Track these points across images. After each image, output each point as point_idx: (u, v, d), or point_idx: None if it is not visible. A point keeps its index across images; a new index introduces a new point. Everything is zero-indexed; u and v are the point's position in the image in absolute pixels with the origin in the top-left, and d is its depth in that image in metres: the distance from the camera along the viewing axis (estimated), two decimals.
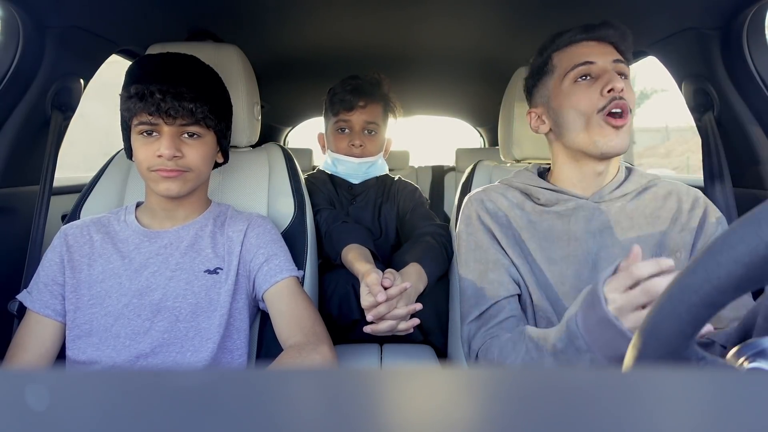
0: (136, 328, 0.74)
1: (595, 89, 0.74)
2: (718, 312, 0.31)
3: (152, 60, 0.78)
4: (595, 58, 0.76)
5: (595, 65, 0.75)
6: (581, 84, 0.76)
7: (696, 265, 0.31)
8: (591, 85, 0.75)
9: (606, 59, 0.75)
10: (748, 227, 0.29)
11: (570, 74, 0.77)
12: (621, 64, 0.76)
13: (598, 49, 0.77)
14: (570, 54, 0.78)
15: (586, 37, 0.78)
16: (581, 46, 0.78)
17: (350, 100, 1.16)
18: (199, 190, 0.84)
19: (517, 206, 0.81)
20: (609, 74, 0.74)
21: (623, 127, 0.73)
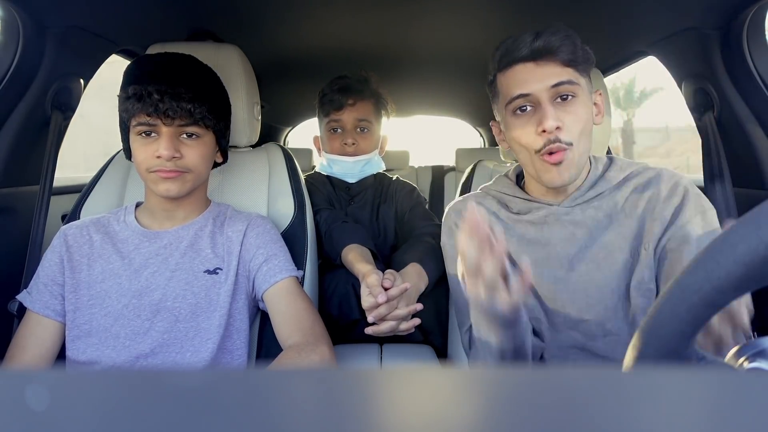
0: (135, 329, 0.74)
1: (532, 125, 0.71)
2: (718, 312, 0.31)
3: (150, 60, 0.78)
4: (531, 86, 0.70)
5: (531, 97, 0.71)
6: (520, 117, 0.73)
7: (696, 265, 0.31)
8: (530, 119, 0.72)
9: (543, 85, 0.70)
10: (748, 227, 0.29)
11: (509, 106, 0.73)
12: (564, 85, 0.70)
13: (537, 74, 0.70)
14: (508, 80, 0.73)
15: (525, 57, 0.71)
16: (519, 70, 0.72)
17: (339, 99, 1.16)
18: (198, 191, 0.84)
19: (493, 214, 0.81)
20: (543, 109, 0.69)
21: (563, 162, 0.70)
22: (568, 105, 0.70)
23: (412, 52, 1.52)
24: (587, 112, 0.72)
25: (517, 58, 0.72)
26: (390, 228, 1.22)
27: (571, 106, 0.70)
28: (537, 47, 0.70)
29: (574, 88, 0.70)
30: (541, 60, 0.71)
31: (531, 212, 0.78)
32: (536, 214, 0.78)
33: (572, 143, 0.70)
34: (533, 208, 0.79)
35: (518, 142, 0.74)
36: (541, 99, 0.70)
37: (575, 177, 0.73)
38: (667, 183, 0.74)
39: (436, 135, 6.16)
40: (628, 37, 1.19)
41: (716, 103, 1.02)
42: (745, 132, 0.98)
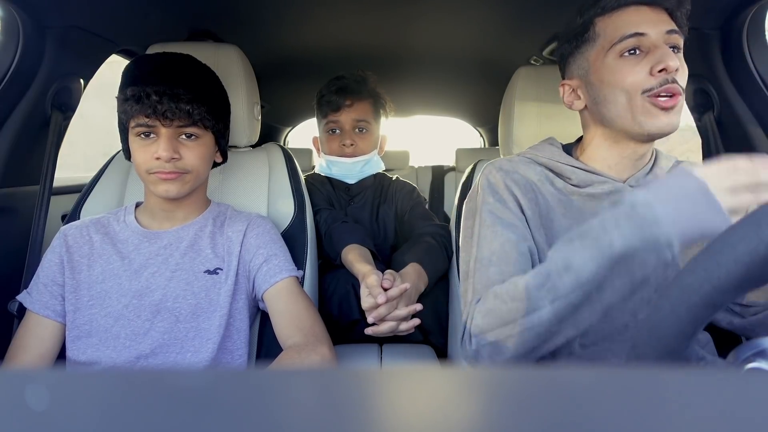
0: (136, 329, 0.74)
1: (644, 66, 0.65)
2: (718, 312, 0.31)
3: (149, 61, 0.78)
4: (647, 28, 0.65)
5: (646, 38, 0.65)
6: (628, 59, 0.67)
7: (696, 265, 0.31)
8: (640, 61, 0.66)
9: (659, 30, 0.65)
10: (748, 227, 0.29)
11: (616, 47, 0.67)
12: (675, 35, 0.66)
13: (651, 17, 0.66)
14: (617, 21, 0.67)
15: (639, 1, 0.67)
16: (631, 12, 0.67)
17: (336, 100, 1.16)
18: (198, 191, 0.84)
19: (549, 182, 0.73)
20: (661, 50, 0.65)
21: (674, 108, 0.65)
22: (679, 56, 0.67)
23: (412, 51, 1.52)
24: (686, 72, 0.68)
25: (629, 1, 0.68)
26: (390, 228, 1.22)
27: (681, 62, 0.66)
28: None
29: (681, 43, 0.68)
30: (655, 6, 0.67)
31: (593, 185, 0.71)
32: (599, 188, 0.71)
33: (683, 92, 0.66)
34: (596, 181, 0.71)
35: (622, 85, 0.66)
36: (657, 42, 0.65)
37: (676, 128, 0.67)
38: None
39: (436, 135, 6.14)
40: None
41: (716, 103, 1.02)
42: (745, 132, 0.98)
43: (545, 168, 0.75)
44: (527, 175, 0.74)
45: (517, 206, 0.71)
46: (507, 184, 0.73)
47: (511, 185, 0.73)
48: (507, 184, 0.73)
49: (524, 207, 0.71)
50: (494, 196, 0.73)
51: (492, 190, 0.73)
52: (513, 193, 0.72)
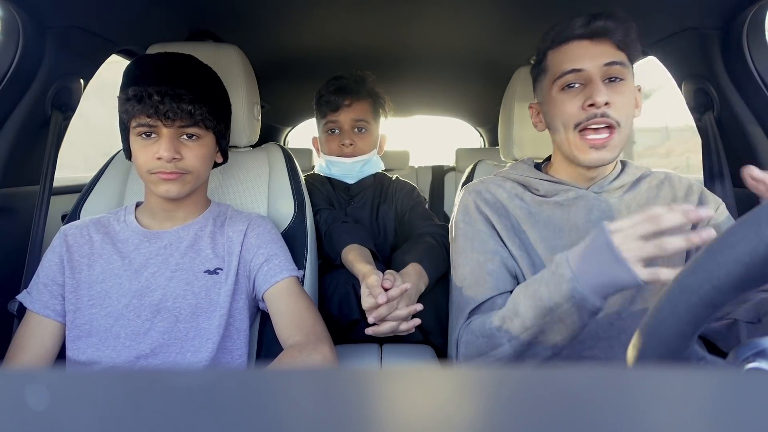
0: (136, 329, 0.74)
1: (578, 101, 0.71)
2: (718, 312, 0.31)
3: (150, 61, 0.78)
4: (585, 63, 0.70)
5: (584, 72, 0.71)
6: (568, 92, 0.72)
7: (696, 265, 0.31)
8: (577, 94, 0.72)
9: (596, 64, 0.70)
10: (748, 227, 0.29)
11: (558, 81, 0.73)
12: (617, 66, 0.70)
13: (591, 51, 0.71)
14: (561, 55, 0.73)
15: (581, 35, 0.72)
16: (573, 47, 0.72)
17: (335, 100, 1.16)
18: (198, 191, 0.84)
19: (516, 197, 0.79)
20: (594, 85, 0.69)
21: (605, 145, 0.70)
22: (618, 86, 0.71)
23: (412, 51, 1.52)
24: (633, 100, 0.73)
25: (572, 35, 0.72)
26: (390, 228, 1.22)
27: (621, 88, 0.71)
28: (594, 26, 0.71)
29: (625, 71, 0.71)
30: (597, 39, 0.71)
31: (559, 194, 0.77)
32: (564, 196, 0.76)
33: (620, 123, 0.70)
34: (561, 190, 0.77)
35: (560, 116, 0.73)
36: (592, 76, 0.70)
37: (612, 160, 0.72)
38: (679, 183, 0.77)
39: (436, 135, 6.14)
40: None
41: (716, 103, 1.02)
42: (745, 132, 0.98)
43: (517, 183, 0.82)
44: (496, 193, 0.81)
45: (487, 224, 0.78)
46: (477, 204, 0.80)
47: (481, 205, 0.79)
48: (477, 204, 0.80)
49: (495, 223, 0.78)
50: (465, 219, 0.80)
51: (464, 213, 0.81)
52: (482, 212, 0.79)
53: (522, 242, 0.76)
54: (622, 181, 0.77)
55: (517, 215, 0.78)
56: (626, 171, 0.79)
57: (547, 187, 0.79)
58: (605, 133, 0.70)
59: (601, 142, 0.70)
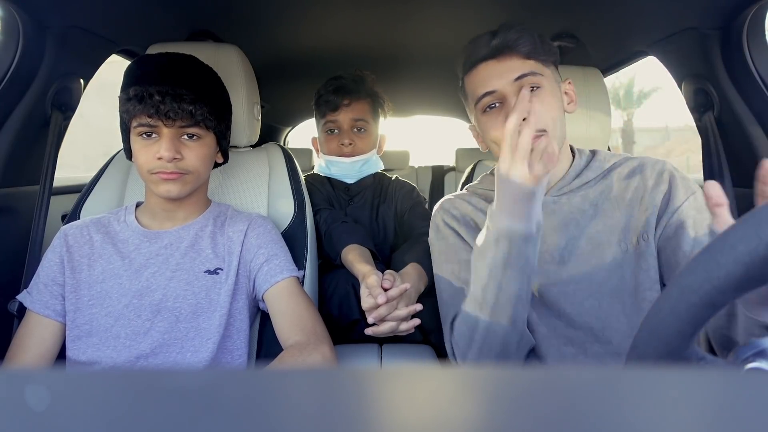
0: (136, 329, 0.74)
1: (501, 120, 0.71)
2: (718, 312, 0.31)
3: (151, 61, 0.78)
4: (495, 83, 0.71)
5: (497, 93, 0.72)
6: (490, 114, 0.74)
7: (696, 265, 0.31)
8: (498, 114, 0.73)
9: (506, 80, 0.71)
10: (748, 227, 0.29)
11: (478, 105, 0.75)
12: (529, 77, 0.71)
13: (498, 69, 0.72)
14: (474, 80, 0.75)
15: (485, 56, 0.73)
16: (482, 69, 0.73)
17: (334, 100, 1.16)
18: (198, 191, 0.84)
19: (480, 211, 0.81)
20: (509, 102, 0.71)
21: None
22: (534, 96, 0.70)
23: (412, 51, 1.52)
24: (556, 101, 0.73)
25: (479, 58, 0.74)
26: (389, 228, 1.22)
27: (537, 97, 0.71)
28: (495, 44, 0.72)
29: (538, 79, 0.71)
30: (502, 56, 0.72)
31: None
32: None
33: (545, 130, 0.70)
34: None
35: (491, 138, 0.74)
36: (506, 93, 0.71)
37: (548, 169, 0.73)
38: (651, 171, 0.74)
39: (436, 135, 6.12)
40: (628, 37, 1.19)
41: (716, 103, 1.02)
42: (745, 132, 0.98)
43: (481, 198, 0.83)
44: (462, 208, 0.83)
45: (456, 236, 0.81)
46: (445, 220, 0.83)
47: (449, 220, 0.82)
48: (445, 221, 0.83)
49: (464, 236, 0.80)
50: (437, 236, 0.83)
51: (435, 230, 0.84)
52: (451, 227, 0.82)
53: None
54: (584, 177, 0.76)
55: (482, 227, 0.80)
56: (591, 165, 0.77)
57: None
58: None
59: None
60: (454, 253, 0.79)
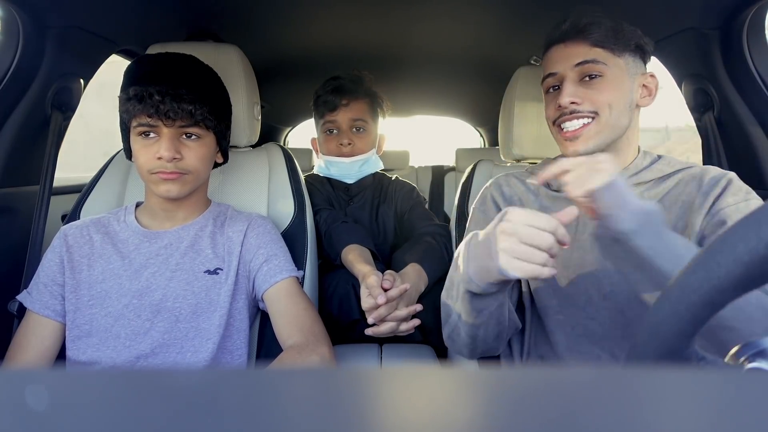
0: (136, 329, 0.74)
1: (556, 102, 0.75)
2: (718, 312, 0.31)
3: (151, 60, 0.78)
4: (557, 66, 0.75)
5: (557, 75, 0.75)
6: (550, 95, 0.78)
7: (696, 265, 0.31)
8: (556, 96, 0.76)
9: (567, 65, 0.74)
10: (748, 227, 0.29)
11: (543, 86, 0.79)
12: (589, 64, 0.72)
13: (563, 54, 0.75)
14: (545, 62, 0.79)
15: (556, 39, 0.76)
16: (552, 51, 0.77)
17: (332, 100, 1.16)
18: (198, 191, 0.84)
19: (531, 192, 0.83)
20: (564, 86, 0.73)
21: (579, 137, 0.73)
22: (594, 83, 0.73)
23: (412, 51, 1.52)
24: (619, 91, 0.73)
25: (551, 41, 0.77)
26: (389, 228, 1.22)
27: (597, 84, 0.72)
28: (564, 29, 0.74)
29: (601, 68, 0.72)
30: (570, 41, 0.74)
31: None
32: None
33: (597, 112, 0.72)
34: None
35: (546, 115, 0.79)
36: (565, 76, 0.74)
37: (594, 149, 0.73)
38: (710, 176, 0.73)
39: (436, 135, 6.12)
40: None
41: (716, 103, 1.02)
42: (745, 132, 0.98)
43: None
44: (515, 186, 0.84)
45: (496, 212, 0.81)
46: (493, 195, 0.84)
47: (497, 197, 0.84)
48: (493, 196, 0.84)
49: None
50: (480, 207, 0.85)
51: (481, 201, 0.86)
52: (497, 202, 0.83)
53: None
54: (642, 177, 0.76)
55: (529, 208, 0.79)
56: (653, 167, 0.77)
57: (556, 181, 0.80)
58: (578, 124, 0.73)
59: (573, 133, 0.73)
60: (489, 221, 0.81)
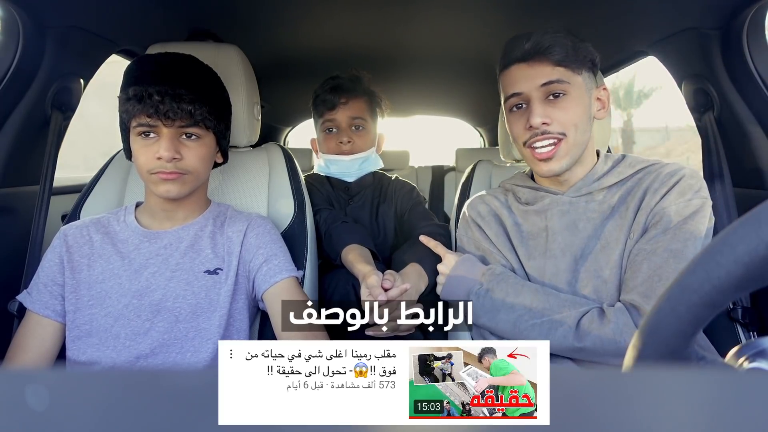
0: (136, 329, 0.74)
1: (523, 121, 0.76)
2: (718, 312, 0.31)
3: (151, 60, 0.78)
4: (522, 86, 0.75)
5: (523, 95, 0.76)
6: (515, 113, 0.79)
7: (696, 265, 0.31)
8: (522, 115, 0.77)
9: (533, 85, 0.74)
10: (748, 227, 0.29)
11: (506, 104, 0.79)
12: (554, 84, 0.73)
13: (527, 74, 0.75)
14: (505, 80, 0.79)
15: (517, 58, 0.76)
16: (514, 70, 0.77)
17: (331, 99, 1.16)
18: (198, 191, 0.84)
19: (506, 207, 0.86)
20: (531, 106, 0.74)
21: (552, 157, 0.74)
22: (559, 102, 0.74)
23: (412, 51, 1.52)
24: (581, 108, 0.75)
25: (512, 59, 0.77)
26: (389, 228, 1.22)
27: (562, 103, 0.74)
28: (527, 48, 0.74)
29: (565, 86, 0.74)
30: (533, 60, 0.75)
31: (537, 202, 0.82)
32: (541, 203, 0.81)
33: (565, 133, 0.74)
34: (539, 198, 0.82)
35: (513, 135, 0.80)
36: (531, 97, 0.75)
37: (567, 167, 0.76)
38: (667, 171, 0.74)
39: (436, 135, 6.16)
40: (628, 37, 1.19)
41: (716, 103, 1.02)
42: (745, 132, 0.98)
43: (511, 193, 0.87)
44: (491, 204, 0.88)
45: (480, 233, 0.86)
46: (471, 216, 0.88)
47: (476, 218, 0.88)
48: (471, 217, 0.88)
49: (486, 231, 0.85)
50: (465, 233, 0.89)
51: (464, 226, 0.90)
52: (477, 224, 0.87)
53: (510, 247, 0.83)
54: (604, 182, 0.77)
55: (507, 223, 0.84)
56: (614, 171, 0.78)
57: (528, 195, 0.84)
58: (550, 146, 0.74)
59: (547, 154, 0.74)
60: (475, 241, 0.87)
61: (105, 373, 0.20)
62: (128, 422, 0.15)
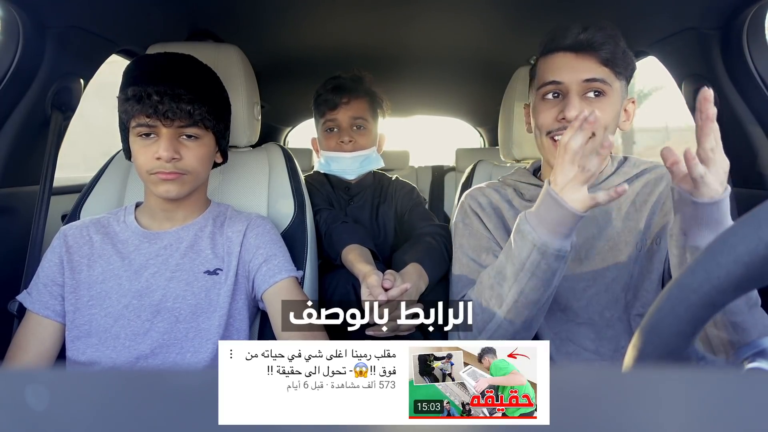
0: (135, 329, 0.74)
1: (554, 111, 0.73)
2: (718, 312, 0.31)
3: (150, 60, 0.78)
4: (565, 76, 0.72)
5: (562, 85, 0.73)
6: (547, 102, 0.75)
7: (696, 265, 0.31)
8: (555, 105, 0.74)
9: (575, 78, 0.72)
10: (748, 227, 0.29)
11: (540, 90, 0.76)
12: (597, 83, 0.71)
13: (573, 64, 0.72)
14: (546, 65, 0.76)
15: (566, 46, 0.73)
16: (558, 58, 0.74)
17: (332, 98, 1.16)
18: (198, 191, 0.84)
19: (507, 201, 0.84)
20: (570, 98, 0.72)
21: None
22: (597, 101, 0.72)
23: (412, 51, 1.52)
24: (614, 112, 0.73)
25: (559, 47, 0.74)
26: (390, 228, 1.22)
27: (599, 103, 0.72)
28: (581, 40, 0.72)
29: (605, 87, 0.72)
30: (583, 52, 0.72)
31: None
32: None
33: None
34: None
35: (537, 122, 0.77)
36: (571, 89, 0.72)
37: None
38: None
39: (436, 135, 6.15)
40: (628, 37, 1.19)
41: (716, 103, 1.02)
42: (745, 132, 0.98)
43: (512, 188, 0.86)
44: (491, 197, 0.86)
45: (480, 223, 0.84)
46: (472, 206, 0.86)
47: (476, 208, 0.85)
48: (472, 207, 0.86)
49: (487, 224, 0.84)
50: (463, 220, 0.86)
51: (462, 214, 0.87)
52: (477, 213, 0.85)
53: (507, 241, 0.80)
54: (610, 182, 0.78)
55: (506, 217, 0.83)
56: (620, 171, 0.79)
57: (533, 191, 0.82)
58: None
59: None
60: (477, 240, 0.83)
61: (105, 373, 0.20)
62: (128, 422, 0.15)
